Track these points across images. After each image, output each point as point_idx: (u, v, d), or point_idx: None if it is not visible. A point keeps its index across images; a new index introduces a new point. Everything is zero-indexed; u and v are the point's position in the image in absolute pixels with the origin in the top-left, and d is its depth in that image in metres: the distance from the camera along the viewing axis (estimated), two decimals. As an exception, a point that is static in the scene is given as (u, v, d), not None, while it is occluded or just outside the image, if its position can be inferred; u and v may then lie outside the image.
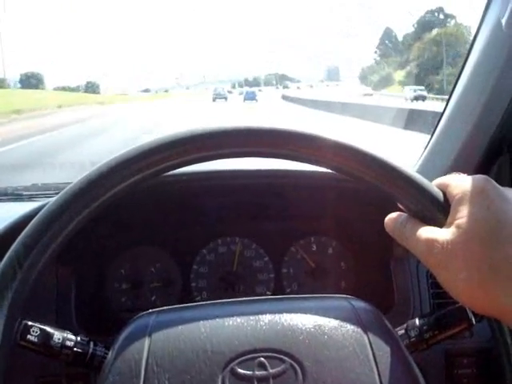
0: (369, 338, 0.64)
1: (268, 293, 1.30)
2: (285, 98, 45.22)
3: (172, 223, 1.27)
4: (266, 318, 0.67)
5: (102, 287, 1.26)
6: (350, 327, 0.66)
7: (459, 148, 1.13)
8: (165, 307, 0.72)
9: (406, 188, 0.63)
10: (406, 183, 0.63)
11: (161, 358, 0.63)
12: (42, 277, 0.63)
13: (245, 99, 44.25)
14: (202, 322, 0.67)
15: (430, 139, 1.28)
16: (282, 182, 1.19)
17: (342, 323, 0.66)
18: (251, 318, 0.67)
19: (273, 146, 0.66)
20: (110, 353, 0.66)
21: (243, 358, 0.62)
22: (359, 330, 0.65)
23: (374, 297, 1.19)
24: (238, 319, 0.67)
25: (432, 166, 1.23)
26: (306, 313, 0.68)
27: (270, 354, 0.62)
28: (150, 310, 0.71)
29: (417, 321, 0.77)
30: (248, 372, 0.61)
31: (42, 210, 0.63)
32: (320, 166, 0.67)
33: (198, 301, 1.28)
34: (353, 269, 1.30)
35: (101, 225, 1.09)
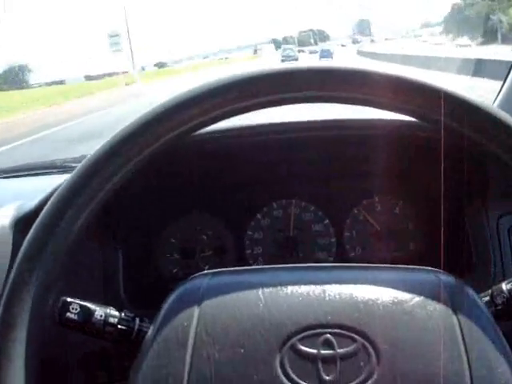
0: (458, 320, 0.55)
1: (330, 258, 1.21)
2: (362, 54, 43.75)
3: (222, 187, 1.18)
4: (336, 289, 0.58)
5: (151, 258, 1.20)
6: (436, 306, 0.56)
7: None
8: (220, 269, 0.65)
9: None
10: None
11: (212, 326, 0.56)
12: (85, 252, 0.61)
13: (320, 57, 44.11)
14: (261, 287, 0.59)
15: (503, 85, 1.16)
16: (340, 135, 1.09)
17: (427, 300, 0.56)
18: (318, 286, 0.58)
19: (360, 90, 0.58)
20: (157, 318, 0.61)
21: (307, 332, 0.54)
22: (447, 309, 0.56)
23: (448, 259, 1.09)
24: (303, 287, 0.58)
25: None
26: (384, 285, 0.58)
27: (338, 330, 0.54)
28: (204, 272, 0.64)
29: (503, 285, 0.67)
30: (312, 350, 0.53)
31: (73, 172, 0.59)
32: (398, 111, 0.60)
33: None
34: (422, 229, 1.19)
35: (148, 192, 1.04)
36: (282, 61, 42.82)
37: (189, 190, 1.17)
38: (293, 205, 1.21)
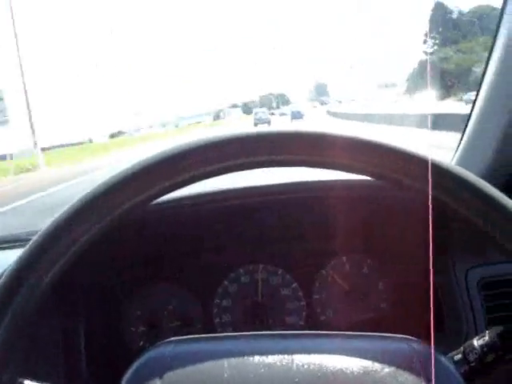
0: None
1: (300, 322, 1.17)
2: (333, 114, 44.38)
3: (187, 255, 1.15)
4: (305, 358, 0.54)
5: (115, 331, 1.15)
6: (408, 377, 0.53)
7: (496, 146, 1.02)
8: (184, 337, 0.62)
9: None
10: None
11: None
12: (45, 327, 0.57)
13: (292, 118, 44.69)
14: (226, 357, 0.56)
15: (462, 138, 1.16)
16: (301, 197, 1.08)
17: (398, 371, 0.53)
18: (286, 356, 0.55)
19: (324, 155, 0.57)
20: None
21: None
22: (419, 380, 0.52)
23: (419, 317, 1.07)
24: (270, 357, 0.55)
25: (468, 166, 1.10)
26: (354, 355, 0.55)
27: None
28: (168, 340, 0.61)
29: (475, 342, 0.64)
30: None
31: (31, 241, 0.55)
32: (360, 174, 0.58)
33: None
34: (392, 288, 1.16)
35: (109, 262, 1.00)
36: (255, 124, 42.08)
37: (151, 259, 1.14)
38: (260, 269, 1.18)
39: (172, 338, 0.61)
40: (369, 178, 0.60)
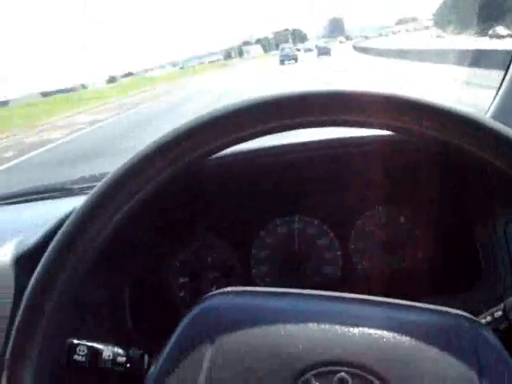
0: (479, 371, 0.52)
1: (337, 273, 1.19)
2: (362, 50, 43.13)
3: (223, 208, 1.17)
4: (358, 326, 0.56)
5: (158, 284, 1.19)
6: (457, 354, 0.53)
7: None
8: (239, 287, 0.64)
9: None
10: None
11: (227, 351, 0.55)
12: (91, 283, 0.60)
13: (318, 54, 44.20)
14: (281, 315, 0.57)
15: (502, 82, 1.13)
16: (340, 152, 1.08)
17: (448, 348, 0.54)
18: (339, 321, 0.56)
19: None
20: (172, 335, 0.59)
21: (322, 369, 0.52)
22: (468, 359, 0.53)
23: (457, 268, 1.08)
24: (324, 321, 0.57)
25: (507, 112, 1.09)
26: (406, 328, 0.56)
27: (354, 370, 0.52)
28: (224, 289, 0.62)
29: None
30: None
31: (76, 210, 0.56)
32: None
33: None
34: (429, 237, 1.16)
35: (148, 218, 1.02)
36: (281, 61, 40.56)
37: (190, 213, 1.16)
38: (296, 220, 1.20)
39: (226, 289, 0.63)
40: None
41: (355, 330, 0.55)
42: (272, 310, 0.59)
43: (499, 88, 1.14)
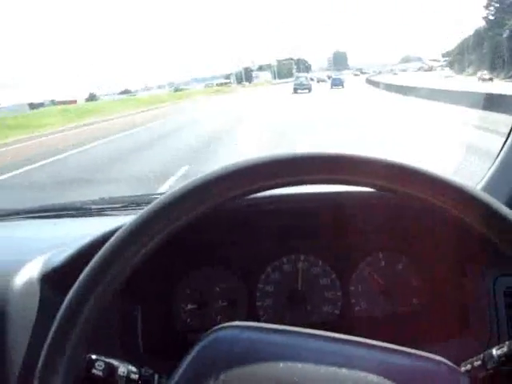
0: None
1: (336, 312, 1.26)
2: (370, 82, 43.62)
3: (236, 243, 1.25)
4: (351, 365, 0.62)
5: (167, 309, 1.26)
6: None
7: None
8: (249, 322, 0.69)
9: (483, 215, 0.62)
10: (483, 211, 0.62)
11: (237, 374, 0.61)
12: (106, 309, 0.63)
13: (332, 85, 44.57)
14: (282, 350, 0.64)
15: (498, 154, 1.21)
16: (346, 202, 1.15)
17: None
18: (336, 360, 0.63)
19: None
20: (184, 359, 0.64)
21: None
22: None
23: (448, 315, 1.14)
24: (321, 357, 0.63)
25: (499, 184, 1.17)
26: (395, 370, 0.62)
27: None
28: (233, 323, 0.68)
29: (494, 351, 0.71)
30: None
31: (113, 238, 0.63)
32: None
33: (264, 320, 1.27)
34: (424, 285, 1.24)
35: (165, 248, 1.09)
36: (295, 90, 40.10)
37: (204, 245, 1.24)
38: (301, 259, 1.28)
39: (232, 323, 0.68)
40: None
41: (345, 369, 0.61)
42: (273, 345, 0.65)
43: (496, 157, 1.21)
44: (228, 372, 0.61)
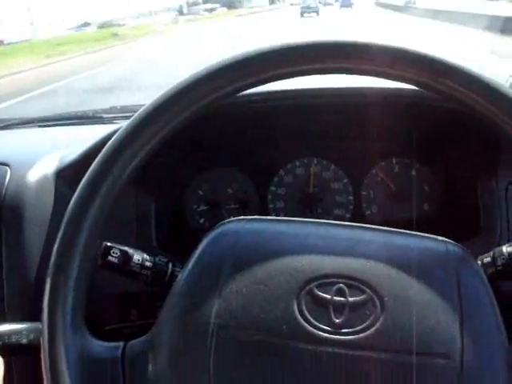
0: (459, 288, 0.60)
1: (347, 215, 1.28)
2: (381, 5, 42.17)
3: (248, 144, 1.25)
4: (355, 246, 0.64)
5: (180, 208, 1.28)
6: (441, 272, 0.61)
7: None
8: (254, 216, 0.71)
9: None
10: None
11: (243, 265, 0.62)
12: (121, 201, 0.64)
13: (341, 6, 43.93)
14: (290, 237, 0.66)
15: None
16: (363, 102, 1.13)
17: (433, 267, 0.62)
18: (339, 242, 0.65)
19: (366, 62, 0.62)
20: (192, 256, 0.67)
21: (323, 280, 0.60)
22: (450, 277, 0.61)
23: (459, 220, 1.16)
24: (326, 241, 0.65)
25: None
26: (397, 249, 0.64)
27: (351, 281, 0.60)
28: (240, 217, 0.70)
29: (504, 248, 0.72)
30: (326, 296, 0.59)
31: (118, 132, 0.64)
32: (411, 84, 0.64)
33: None
34: (436, 191, 1.25)
35: (177, 147, 1.09)
36: (302, 13, 38.18)
37: (216, 145, 1.24)
38: (314, 163, 1.28)
39: (242, 217, 0.70)
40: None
41: (353, 250, 0.63)
42: (280, 233, 0.67)
43: None
44: (236, 258, 0.63)
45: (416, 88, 0.65)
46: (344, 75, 0.65)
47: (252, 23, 35.78)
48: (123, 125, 0.64)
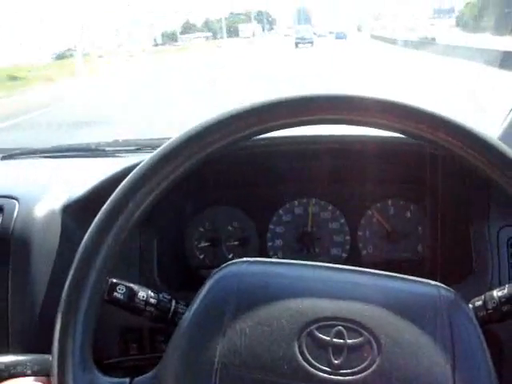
0: (451, 331, 0.63)
1: (343, 255, 1.31)
2: (376, 38, 42.47)
3: (250, 184, 1.29)
4: (353, 290, 0.67)
5: (181, 245, 1.31)
6: (434, 316, 0.64)
7: None
8: (255, 258, 0.73)
9: (492, 160, 0.65)
10: (491, 155, 0.65)
11: (246, 306, 0.65)
12: (127, 239, 0.67)
13: (336, 38, 44.66)
14: (291, 279, 0.69)
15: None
16: (360, 148, 1.18)
17: (426, 310, 0.65)
18: (337, 286, 0.68)
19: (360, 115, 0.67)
20: (196, 298, 0.69)
21: (323, 323, 0.63)
22: (443, 320, 0.64)
23: (451, 262, 1.19)
24: (327, 284, 0.68)
25: None
26: (393, 293, 0.67)
27: (349, 324, 0.63)
28: (243, 259, 0.72)
29: (495, 293, 0.75)
30: (326, 337, 0.62)
31: (135, 170, 0.67)
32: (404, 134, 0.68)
33: None
34: (430, 233, 1.28)
35: (181, 185, 1.13)
36: (297, 43, 36.72)
37: (219, 184, 1.28)
38: (312, 203, 1.32)
39: (243, 259, 0.73)
40: None
41: (351, 293, 0.66)
42: (281, 276, 0.70)
43: None
44: (240, 300, 0.66)
45: (409, 140, 0.70)
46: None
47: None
48: (136, 164, 0.68)
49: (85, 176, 1.16)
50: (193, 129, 0.68)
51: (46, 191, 1.10)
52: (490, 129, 1.28)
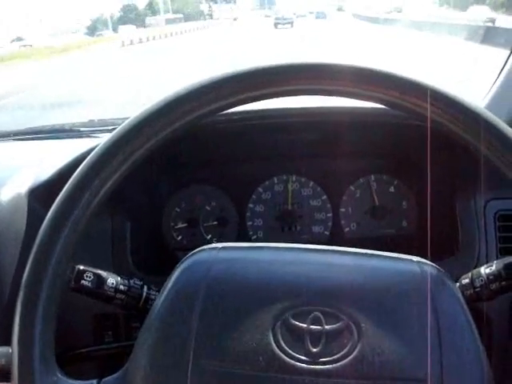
0: (436, 310, 0.59)
1: (326, 232, 1.27)
2: (359, 17, 42.38)
3: (226, 161, 1.24)
4: (329, 272, 0.63)
5: (157, 226, 1.27)
6: (417, 295, 0.61)
7: None
8: (227, 243, 0.69)
9: (480, 130, 0.61)
10: (479, 124, 0.61)
11: (217, 295, 0.61)
12: (96, 222, 0.63)
13: (316, 18, 44.63)
14: (263, 264, 0.65)
15: (500, 72, 1.19)
16: (341, 120, 1.13)
17: (409, 289, 0.61)
18: (313, 268, 0.64)
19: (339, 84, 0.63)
20: (166, 285, 0.65)
21: (299, 309, 0.59)
22: (427, 299, 0.60)
23: (437, 238, 1.16)
24: (300, 268, 0.64)
25: (502, 101, 1.14)
26: (372, 272, 0.63)
27: (327, 309, 0.59)
28: (212, 245, 0.68)
29: (482, 270, 0.72)
30: (302, 325, 0.58)
31: (97, 148, 0.62)
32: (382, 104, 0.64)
33: (255, 240, 1.28)
34: (415, 208, 1.25)
35: (155, 164, 1.08)
36: (276, 24, 35.83)
37: (195, 162, 1.23)
38: (292, 180, 1.28)
39: (215, 244, 0.69)
40: None
41: (327, 276, 0.62)
42: (252, 261, 0.66)
43: (498, 76, 1.19)
44: (210, 287, 0.62)
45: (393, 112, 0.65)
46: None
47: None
48: (98, 144, 0.63)
49: (56, 158, 1.11)
50: (157, 103, 0.63)
51: (12, 174, 1.05)
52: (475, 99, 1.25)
